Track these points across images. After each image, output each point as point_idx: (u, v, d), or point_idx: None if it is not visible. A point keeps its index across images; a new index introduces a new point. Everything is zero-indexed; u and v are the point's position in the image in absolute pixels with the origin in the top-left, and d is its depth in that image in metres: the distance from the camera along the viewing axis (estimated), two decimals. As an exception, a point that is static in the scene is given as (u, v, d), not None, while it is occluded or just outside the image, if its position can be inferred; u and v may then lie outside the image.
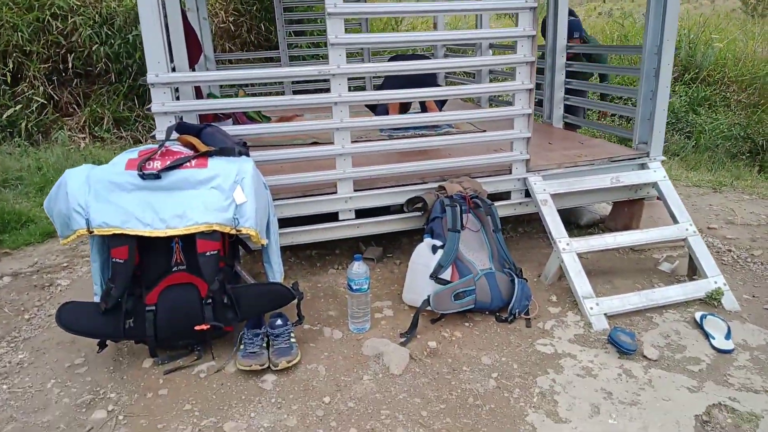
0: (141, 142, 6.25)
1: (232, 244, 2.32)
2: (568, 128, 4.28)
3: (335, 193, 2.75)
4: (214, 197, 2.10)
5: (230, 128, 2.52)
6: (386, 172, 2.78)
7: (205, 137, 2.35)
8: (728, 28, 8.13)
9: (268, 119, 4.39)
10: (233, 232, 2.12)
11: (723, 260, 3.24)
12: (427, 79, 3.84)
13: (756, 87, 6.59)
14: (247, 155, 2.37)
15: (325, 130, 2.66)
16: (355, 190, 2.77)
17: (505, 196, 3.03)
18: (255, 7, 7.10)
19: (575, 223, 3.56)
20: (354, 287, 2.34)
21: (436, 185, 2.85)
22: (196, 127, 2.41)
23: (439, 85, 4.41)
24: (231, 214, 2.11)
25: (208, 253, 2.08)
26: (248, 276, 2.34)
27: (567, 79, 4.02)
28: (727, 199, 4.37)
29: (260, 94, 6.10)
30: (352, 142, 2.71)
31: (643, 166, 3.14)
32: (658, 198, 3.23)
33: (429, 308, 2.40)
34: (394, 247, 3.26)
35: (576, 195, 3.05)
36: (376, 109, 3.85)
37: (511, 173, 2.98)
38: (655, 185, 3.07)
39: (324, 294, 2.76)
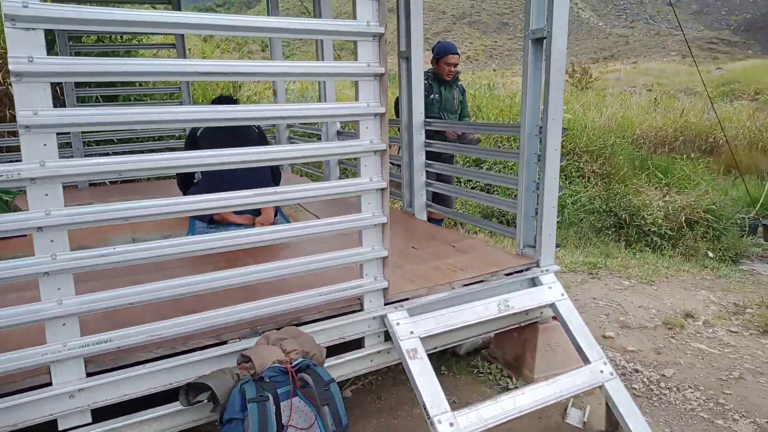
0: None
1: None
2: (432, 218, 3.48)
3: (49, 385, 1.53)
4: None
5: None
6: (149, 336, 1.62)
7: None
8: (571, 99, 8.36)
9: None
10: None
11: (634, 388, 2.55)
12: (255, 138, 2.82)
13: (605, 157, 6.58)
14: None
15: (25, 277, 1.46)
16: (90, 374, 1.57)
17: (355, 344, 2.03)
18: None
19: (452, 352, 2.67)
20: None
21: (240, 348, 1.75)
22: None
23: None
24: None
25: None
26: None
27: (428, 161, 3.26)
28: (609, 289, 3.86)
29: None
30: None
31: (534, 282, 2.36)
32: (554, 317, 2.48)
33: None
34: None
35: (454, 332, 2.15)
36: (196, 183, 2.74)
37: (362, 309, 2.00)
38: (552, 306, 2.30)
39: None
